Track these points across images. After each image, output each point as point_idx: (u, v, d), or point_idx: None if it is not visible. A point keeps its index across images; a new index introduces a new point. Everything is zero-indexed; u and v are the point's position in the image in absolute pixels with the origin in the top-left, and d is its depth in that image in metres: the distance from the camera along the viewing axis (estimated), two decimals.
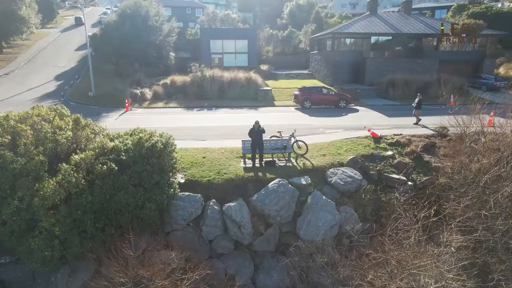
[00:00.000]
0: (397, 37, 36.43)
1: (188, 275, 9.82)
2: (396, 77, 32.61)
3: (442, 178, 15.35)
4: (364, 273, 10.14)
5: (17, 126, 11.48)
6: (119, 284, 9.77)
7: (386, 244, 10.65)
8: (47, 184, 10.40)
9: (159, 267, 9.60)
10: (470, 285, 8.77)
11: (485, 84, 33.91)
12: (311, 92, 27.22)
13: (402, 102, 30.00)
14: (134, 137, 12.60)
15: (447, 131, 18.80)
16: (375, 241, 11.48)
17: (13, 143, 11.38)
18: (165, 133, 13.96)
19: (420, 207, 11.76)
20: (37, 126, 12.00)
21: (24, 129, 11.53)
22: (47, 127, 11.98)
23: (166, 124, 21.58)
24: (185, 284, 9.63)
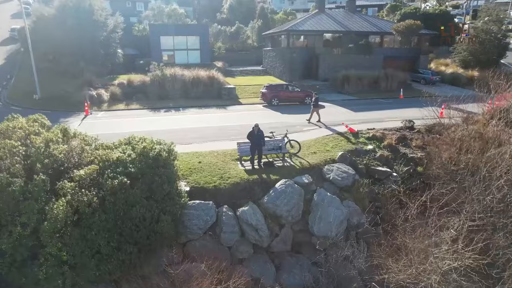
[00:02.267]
0: (347, 34, 38.67)
1: (223, 285, 9.67)
2: (350, 73, 34.71)
3: (420, 168, 17.07)
4: (384, 261, 10.97)
5: (6, 143, 10.09)
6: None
7: (399, 232, 11.61)
8: (56, 206, 9.37)
9: (197, 281, 9.30)
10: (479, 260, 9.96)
11: (423, 78, 37.77)
12: (278, 89, 27.80)
13: (358, 97, 32.12)
14: (137, 147, 11.84)
15: (413, 123, 20.75)
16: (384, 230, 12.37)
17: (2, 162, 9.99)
18: (162, 139, 13.33)
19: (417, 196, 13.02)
20: (25, 140, 10.68)
21: (15, 145, 10.19)
22: (39, 141, 10.73)
23: (140, 128, 20.39)
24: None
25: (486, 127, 17.25)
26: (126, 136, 13.32)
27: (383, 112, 25.40)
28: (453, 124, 20.51)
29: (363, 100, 31.03)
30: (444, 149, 17.43)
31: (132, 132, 18.37)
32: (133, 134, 13.33)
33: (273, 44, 43.45)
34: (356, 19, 41.78)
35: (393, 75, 35.40)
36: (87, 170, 10.40)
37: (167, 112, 25.65)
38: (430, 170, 16.24)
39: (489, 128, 17.06)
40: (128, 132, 18.40)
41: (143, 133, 18.45)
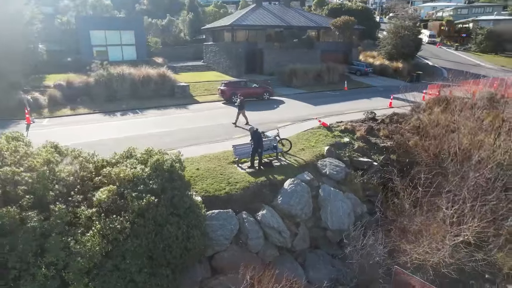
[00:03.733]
0: (289, 29, 39.91)
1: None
2: (296, 67, 36.00)
3: (393, 155, 18.81)
4: (398, 244, 12.05)
5: (6, 170, 8.42)
6: None
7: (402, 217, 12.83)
8: (87, 238, 8.22)
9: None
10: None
11: (358, 70, 41.10)
12: (237, 86, 27.60)
13: (307, 90, 33.55)
14: (151, 161, 10.86)
15: (374, 114, 22.63)
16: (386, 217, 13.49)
17: (3, 194, 8.33)
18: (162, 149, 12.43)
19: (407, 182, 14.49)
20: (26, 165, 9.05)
21: (17, 172, 8.56)
22: (40, 163, 9.19)
23: (105, 135, 18.59)
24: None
25: (441, 115, 19.65)
26: (95, 146, 12.04)
27: (340, 104, 27.12)
28: (406, 114, 22.99)
29: (313, 93, 32.57)
30: (408, 136, 19.50)
31: (99, 141, 16.87)
32: (131, 146, 12.10)
33: (215, 39, 42.69)
34: (293, 14, 43.32)
35: (334, 68, 37.79)
36: (107, 192, 9.26)
37: (125, 116, 23.61)
38: (404, 157, 18.08)
39: (443, 116, 19.49)
40: (94, 141, 16.78)
41: (113, 141, 17.27)
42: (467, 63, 51.60)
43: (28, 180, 8.51)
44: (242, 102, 20.75)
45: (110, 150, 14.05)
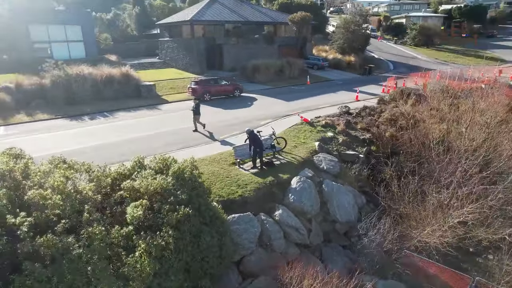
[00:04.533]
0: (247, 24, 39.89)
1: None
2: (259, 62, 36.26)
3: (374, 147, 20.04)
4: (404, 230, 13.05)
5: (42, 194, 7.52)
6: None
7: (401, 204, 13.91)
8: (136, 260, 7.71)
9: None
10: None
11: (315, 64, 42.60)
12: (209, 84, 27.06)
13: (272, 85, 34.00)
14: (172, 169, 10.36)
15: (348, 108, 23.79)
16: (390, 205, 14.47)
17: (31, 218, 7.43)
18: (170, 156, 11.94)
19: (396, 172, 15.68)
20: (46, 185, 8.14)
21: (44, 195, 7.66)
22: (63, 182, 8.33)
23: (80, 143, 17.14)
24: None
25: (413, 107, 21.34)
26: (73, 156, 11.31)
27: (310, 99, 27.97)
28: (375, 107, 24.54)
29: (279, 88, 33.14)
30: (384, 128, 20.91)
31: (76, 150, 15.63)
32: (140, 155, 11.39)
33: (171, 34, 41.09)
34: (248, 9, 43.35)
35: (293, 63, 38.75)
36: (141, 207, 8.70)
37: (95, 120, 21.89)
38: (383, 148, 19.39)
39: (414, 108, 21.19)
40: (69, 150, 15.49)
41: (90, 149, 16.22)
42: (406, 55, 56.29)
43: (59, 202, 7.67)
44: (198, 106, 19.15)
45: (92, 159, 13.39)
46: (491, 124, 17.73)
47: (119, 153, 15.78)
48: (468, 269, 12.45)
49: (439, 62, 52.49)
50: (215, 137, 18.78)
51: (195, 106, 19.25)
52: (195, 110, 19.17)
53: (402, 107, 21.61)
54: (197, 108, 19.18)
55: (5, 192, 7.53)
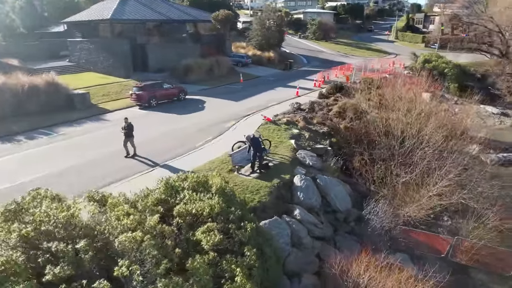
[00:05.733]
0: (168, 23, 38.28)
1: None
2: (190, 62, 35.44)
3: (334, 139, 22.06)
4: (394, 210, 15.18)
5: (130, 238, 6.72)
6: None
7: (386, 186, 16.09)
8: (240, 286, 7.60)
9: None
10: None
11: (240, 61, 43.43)
12: (155, 88, 25.48)
13: (209, 85, 33.66)
14: (215, 187, 10.11)
15: (299, 105, 25.41)
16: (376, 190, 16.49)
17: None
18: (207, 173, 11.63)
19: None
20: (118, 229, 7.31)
21: (137, 238, 6.89)
22: (136, 221, 7.59)
23: (38, 172, 14.61)
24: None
25: (358, 100, 24.10)
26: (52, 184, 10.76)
27: (256, 97, 28.83)
28: (320, 102, 26.87)
29: (217, 88, 33.07)
30: (337, 121, 23.24)
31: (38, 180, 13.53)
32: (169, 177, 10.76)
33: (85, 34, 36.69)
34: (165, 6, 41.46)
35: (222, 62, 38.93)
36: (213, 232, 8.45)
37: (37, 140, 18.67)
38: (341, 139, 21.60)
39: (356, 100, 24.00)
40: (31, 180, 13.37)
41: (70, 174, 14.23)
42: (313, 49, 61.58)
43: (152, 242, 7.00)
44: (130, 127, 15.76)
45: (79, 185, 12.42)
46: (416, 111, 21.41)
47: (96, 176, 14.20)
48: (446, 231, 15.25)
49: (341, 54, 58.99)
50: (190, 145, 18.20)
51: (126, 126, 15.67)
52: (127, 131, 15.72)
53: (348, 100, 24.23)
54: (130, 129, 15.80)
55: (88, 242, 6.54)
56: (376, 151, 18.77)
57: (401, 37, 78.98)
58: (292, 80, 36.36)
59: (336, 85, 29.79)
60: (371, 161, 18.11)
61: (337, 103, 26.55)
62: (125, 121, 15.90)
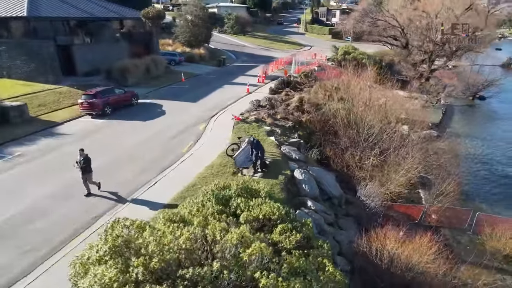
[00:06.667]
0: (95, 21, 35.03)
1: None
2: (127, 62, 33.31)
3: (300, 132, 23.73)
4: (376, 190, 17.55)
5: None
6: None
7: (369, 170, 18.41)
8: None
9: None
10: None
11: (173, 60, 42.16)
12: (108, 95, 23.50)
13: (153, 87, 32.22)
14: (264, 191, 10.69)
15: (259, 102, 26.39)
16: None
17: None
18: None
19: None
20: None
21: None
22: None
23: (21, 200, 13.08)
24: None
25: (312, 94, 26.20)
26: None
27: (211, 96, 28.93)
28: (276, 98, 28.34)
29: (162, 89, 31.93)
30: (298, 115, 25.08)
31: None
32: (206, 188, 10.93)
33: None
34: (86, 3, 37.68)
35: (158, 61, 37.37)
36: (294, 234, 9.17)
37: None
38: (306, 131, 23.46)
39: (312, 95, 26.15)
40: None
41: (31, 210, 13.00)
42: (236, 44, 62.65)
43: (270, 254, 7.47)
44: (87, 161, 13.19)
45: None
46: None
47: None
48: (421, 200, 18.29)
49: (263, 48, 61.38)
50: (176, 152, 17.85)
51: (83, 160, 13.07)
52: (84, 166, 13.11)
53: (305, 95, 26.20)
54: (88, 163, 13.21)
55: (219, 262, 6.74)
56: (343, 140, 21.05)
57: (310, 29, 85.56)
58: (232, 77, 37.03)
59: (283, 80, 31.59)
60: (340, 149, 20.32)
61: (289, 97, 28.44)
62: (80, 154, 13.18)
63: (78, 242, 10.92)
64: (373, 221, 16.07)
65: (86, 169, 13.22)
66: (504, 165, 23.18)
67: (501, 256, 15.07)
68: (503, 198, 19.35)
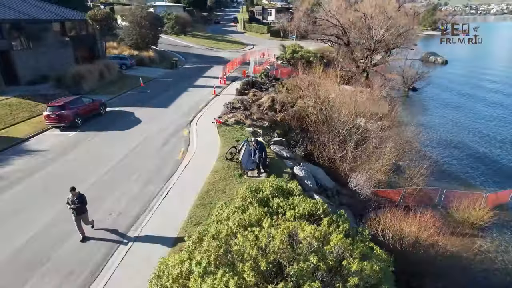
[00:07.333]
0: (34, 23, 31.93)
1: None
2: (81, 68, 31.26)
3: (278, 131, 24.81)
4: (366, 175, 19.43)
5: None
6: None
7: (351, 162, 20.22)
8: None
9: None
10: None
11: (124, 63, 40.22)
12: (77, 105, 21.92)
13: (112, 94, 30.71)
14: (297, 190, 11.57)
15: (233, 104, 26.83)
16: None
17: None
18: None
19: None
20: None
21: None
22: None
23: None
24: None
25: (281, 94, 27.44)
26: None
27: (179, 101, 28.49)
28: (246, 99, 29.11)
29: (124, 96, 30.65)
30: (272, 114, 26.22)
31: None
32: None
33: None
34: (20, 3, 34.12)
35: (111, 66, 35.51)
36: (343, 224, 10.23)
37: None
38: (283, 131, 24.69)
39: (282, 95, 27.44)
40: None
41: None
42: (180, 45, 61.47)
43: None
44: (82, 200, 11.27)
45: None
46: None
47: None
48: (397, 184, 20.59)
49: (208, 48, 61.26)
50: (171, 161, 17.73)
51: (76, 199, 11.12)
52: (78, 206, 11.14)
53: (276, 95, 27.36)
54: (83, 203, 11.28)
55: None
56: (320, 136, 22.68)
57: (249, 28, 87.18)
58: (192, 80, 36.76)
59: (248, 81, 32.35)
60: (320, 145, 21.93)
61: (257, 97, 29.38)
62: (72, 193, 11.13)
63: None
64: (365, 208, 17.91)
65: (82, 209, 11.24)
66: (458, 147, 27.15)
67: (468, 224, 17.93)
68: (463, 175, 22.81)
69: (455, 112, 37.30)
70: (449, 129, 31.64)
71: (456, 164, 24.32)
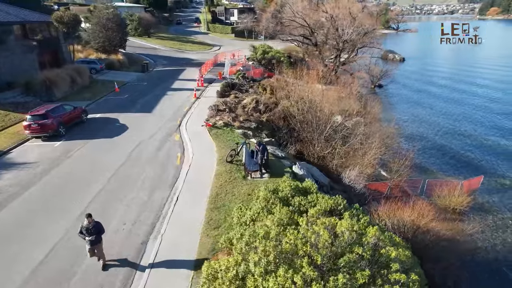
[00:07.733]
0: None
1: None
2: (51, 73, 29.63)
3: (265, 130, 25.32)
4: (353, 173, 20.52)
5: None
6: None
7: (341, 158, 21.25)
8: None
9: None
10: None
11: (94, 68, 38.59)
12: (60, 113, 20.90)
13: (88, 100, 29.49)
14: (313, 188, 12.19)
15: (217, 107, 26.90)
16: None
17: None
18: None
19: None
20: None
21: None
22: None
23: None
24: None
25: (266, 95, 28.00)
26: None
27: (161, 106, 28.03)
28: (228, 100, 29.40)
29: (101, 102, 29.52)
30: (257, 115, 26.77)
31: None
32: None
33: None
34: None
35: (81, 71, 33.99)
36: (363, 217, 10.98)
37: None
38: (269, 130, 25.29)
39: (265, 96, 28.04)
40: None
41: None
42: (147, 47, 59.87)
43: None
44: (99, 229, 10.37)
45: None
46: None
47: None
48: (384, 177, 21.93)
49: (176, 50, 60.26)
50: (172, 171, 17.64)
51: (92, 227, 10.22)
52: (96, 236, 10.32)
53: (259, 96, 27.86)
54: (99, 231, 10.40)
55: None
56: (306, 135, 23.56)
57: (213, 28, 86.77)
58: (168, 83, 36.20)
59: (228, 83, 32.54)
60: (308, 143, 22.81)
61: (239, 99, 29.71)
62: (88, 220, 10.17)
63: None
64: (360, 201, 18.96)
65: (98, 239, 10.41)
66: (433, 139, 29.47)
67: (450, 209, 19.65)
68: (443, 164, 24.78)
69: (415, 108, 40.26)
70: (414, 124, 34.07)
71: (437, 155, 26.41)
